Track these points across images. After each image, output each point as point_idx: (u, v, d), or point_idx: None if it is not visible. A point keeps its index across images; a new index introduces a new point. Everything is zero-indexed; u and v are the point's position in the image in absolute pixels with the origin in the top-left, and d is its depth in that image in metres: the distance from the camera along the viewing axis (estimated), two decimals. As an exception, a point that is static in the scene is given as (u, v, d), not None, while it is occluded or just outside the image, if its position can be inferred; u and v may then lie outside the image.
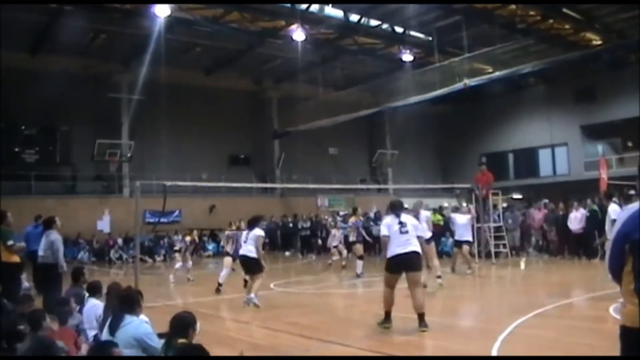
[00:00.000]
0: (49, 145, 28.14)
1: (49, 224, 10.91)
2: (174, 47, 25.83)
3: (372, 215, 25.26)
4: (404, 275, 8.69)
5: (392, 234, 8.73)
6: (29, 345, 4.86)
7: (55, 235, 10.65)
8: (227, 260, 14.38)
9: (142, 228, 21.87)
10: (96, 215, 27.55)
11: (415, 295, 8.57)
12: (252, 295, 11.22)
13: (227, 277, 14.00)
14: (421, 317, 8.50)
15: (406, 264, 8.59)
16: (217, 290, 13.69)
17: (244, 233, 11.81)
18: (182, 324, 4.88)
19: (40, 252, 10.74)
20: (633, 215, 3.00)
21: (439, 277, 13.29)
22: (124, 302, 5.71)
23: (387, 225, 8.86)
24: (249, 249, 11.34)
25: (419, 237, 8.86)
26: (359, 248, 16.90)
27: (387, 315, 8.78)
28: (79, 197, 28.09)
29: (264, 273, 11.57)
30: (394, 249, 8.65)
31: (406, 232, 8.68)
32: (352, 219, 18.38)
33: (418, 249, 8.70)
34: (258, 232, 11.56)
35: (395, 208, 9.12)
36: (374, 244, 22.21)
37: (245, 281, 13.78)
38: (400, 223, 8.76)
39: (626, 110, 31.00)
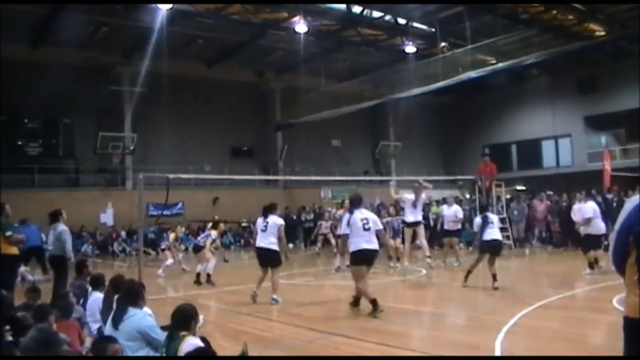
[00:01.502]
0: (52, 138, 28.13)
1: (55, 216, 10.98)
2: (176, 39, 25.77)
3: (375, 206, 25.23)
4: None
5: (355, 230, 9.21)
6: (31, 336, 4.87)
7: (62, 227, 10.74)
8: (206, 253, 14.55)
9: (145, 220, 21.99)
10: (99, 208, 27.61)
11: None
12: (276, 294, 10.76)
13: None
14: (356, 300, 9.47)
15: (369, 258, 9.29)
16: (210, 282, 13.92)
17: (259, 221, 11.08)
18: (184, 316, 4.88)
19: (50, 246, 10.83)
20: (637, 207, 2.99)
21: (428, 257, 14.86)
22: (128, 294, 5.72)
23: (350, 222, 9.32)
24: (270, 240, 10.69)
25: (377, 231, 9.38)
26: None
27: (374, 302, 9.07)
28: (82, 189, 28.12)
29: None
30: (359, 244, 9.18)
31: (369, 229, 9.19)
32: (340, 211, 17.35)
33: (377, 246, 9.36)
34: (279, 220, 11.05)
35: (356, 204, 9.62)
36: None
37: (198, 274, 14.19)
38: (364, 219, 9.24)
39: (629, 101, 30.87)
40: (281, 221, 11.08)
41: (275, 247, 10.71)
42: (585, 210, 13.68)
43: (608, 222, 16.17)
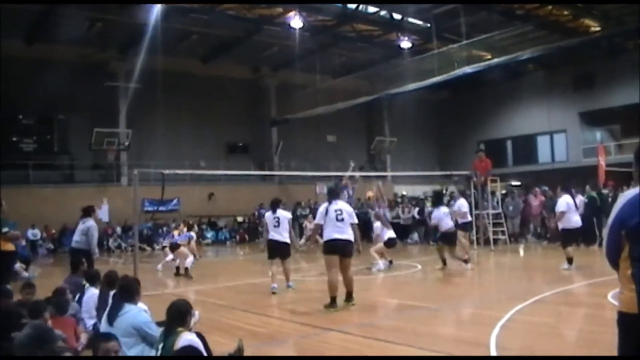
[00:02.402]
0: (47, 134, 28.08)
1: (87, 212, 11.16)
2: (170, 35, 25.71)
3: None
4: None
5: (328, 220, 9.50)
6: (26, 333, 4.86)
7: (91, 223, 10.93)
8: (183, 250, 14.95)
9: (140, 216, 21.97)
10: (95, 204, 27.39)
11: (345, 276, 9.56)
12: (290, 281, 11.73)
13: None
14: (350, 294, 9.62)
15: (341, 249, 9.44)
16: (188, 276, 14.38)
17: (269, 216, 11.69)
18: (180, 312, 4.87)
19: (76, 237, 10.93)
20: (630, 202, 3.00)
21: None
22: (123, 290, 5.72)
23: (323, 212, 9.67)
24: (281, 234, 11.40)
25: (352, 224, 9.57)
26: None
27: (333, 300, 9.42)
28: (77, 186, 28.04)
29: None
30: (330, 233, 9.49)
31: (342, 220, 9.45)
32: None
33: (351, 237, 9.48)
34: (288, 214, 11.86)
35: (332, 195, 9.85)
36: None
37: (177, 269, 14.43)
38: (337, 210, 9.51)
39: (625, 97, 30.95)
40: (289, 215, 11.91)
41: (287, 239, 11.43)
42: (559, 204, 13.62)
43: (602, 217, 16.25)
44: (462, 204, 16.30)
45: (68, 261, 10.29)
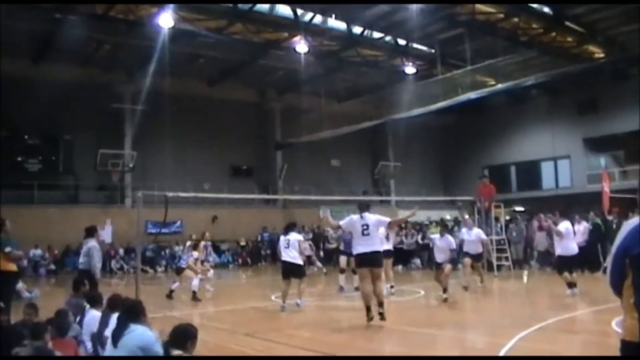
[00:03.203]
0: (52, 154, 28.13)
1: (90, 232, 11.23)
2: (177, 58, 25.86)
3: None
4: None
5: (355, 234, 10.07)
6: (26, 354, 4.84)
7: (93, 244, 10.98)
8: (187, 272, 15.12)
9: (143, 238, 21.95)
10: (98, 225, 27.34)
11: (376, 287, 9.89)
12: (301, 300, 12.21)
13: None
14: (381, 303, 9.87)
15: (369, 261, 9.88)
16: (195, 299, 14.47)
17: (282, 238, 12.46)
18: (182, 335, 4.85)
19: (80, 259, 11.04)
20: (633, 230, 2.99)
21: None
22: (129, 311, 5.70)
23: (350, 221, 10.23)
24: (293, 255, 12.06)
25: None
26: (342, 261, 16.02)
27: (367, 309, 9.83)
28: (81, 206, 28.07)
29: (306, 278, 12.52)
30: (358, 248, 10.03)
31: (368, 235, 9.91)
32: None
33: (378, 247, 10.10)
34: (298, 236, 12.42)
35: (361, 208, 10.32)
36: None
37: (171, 292, 14.60)
38: (364, 225, 9.95)
39: (629, 123, 30.96)
40: (299, 237, 12.53)
41: (297, 260, 12.11)
42: (559, 227, 13.58)
43: (606, 244, 16.17)
44: (479, 232, 16.05)
45: (70, 282, 10.29)
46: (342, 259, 15.90)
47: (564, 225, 13.62)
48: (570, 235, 13.67)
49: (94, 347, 6.92)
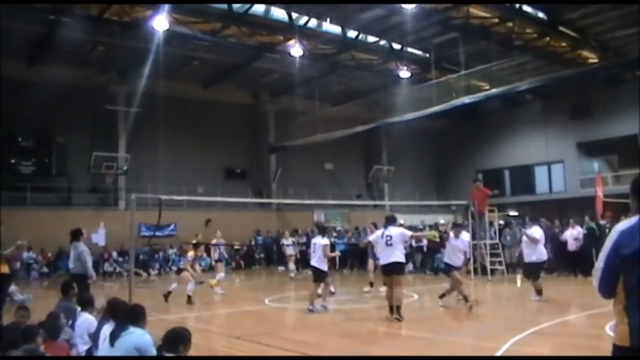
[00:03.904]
0: (45, 156, 28.02)
1: (75, 235, 11.18)
2: (171, 60, 25.81)
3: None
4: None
5: (380, 246, 11.38)
6: (18, 357, 4.81)
7: (82, 247, 10.94)
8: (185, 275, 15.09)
9: (137, 241, 21.87)
10: (91, 228, 27.32)
11: (393, 291, 11.03)
12: (323, 304, 12.56)
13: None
14: (398, 308, 10.94)
15: (390, 269, 11.07)
16: (190, 302, 14.46)
17: (312, 242, 13.09)
18: (175, 339, 4.84)
19: (71, 264, 10.96)
20: (623, 233, 3.00)
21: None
22: (130, 313, 5.69)
23: (377, 237, 11.69)
24: (317, 259, 12.53)
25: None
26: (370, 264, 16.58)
27: (390, 308, 10.99)
28: (74, 209, 27.93)
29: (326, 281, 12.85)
30: (382, 258, 11.30)
31: (390, 245, 11.02)
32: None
33: (399, 258, 11.10)
34: (322, 241, 12.71)
35: (387, 221, 11.59)
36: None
37: (168, 293, 14.57)
38: (387, 236, 11.08)
39: (622, 128, 31.13)
40: (324, 241, 12.72)
41: (319, 265, 12.49)
42: (534, 233, 13.48)
43: (600, 249, 16.07)
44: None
45: (99, 281, 10.30)
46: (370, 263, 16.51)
47: (538, 232, 13.57)
48: (543, 240, 13.63)
49: (92, 347, 6.88)
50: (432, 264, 23.01)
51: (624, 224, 3.04)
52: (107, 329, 5.73)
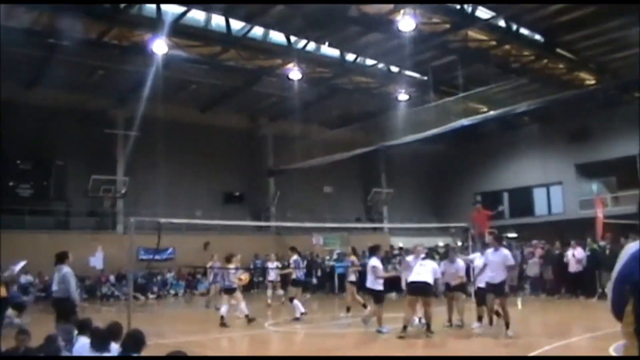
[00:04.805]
0: (44, 180, 27.99)
1: (61, 258, 11.01)
2: (170, 84, 25.89)
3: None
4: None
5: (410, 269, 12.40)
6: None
7: (66, 270, 10.73)
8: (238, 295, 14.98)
9: (135, 265, 21.77)
10: (89, 252, 27.25)
11: (426, 311, 12.13)
12: (382, 326, 12.52)
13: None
14: (429, 325, 11.94)
15: (419, 291, 11.88)
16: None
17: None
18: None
19: (54, 287, 10.79)
20: (633, 256, 2.96)
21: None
22: (130, 339, 5.64)
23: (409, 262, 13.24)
24: (370, 280, 12.63)
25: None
26: (294, 290, 16.86)
27: (404, 327, 11.67)
28: (72, 232, 27.85)
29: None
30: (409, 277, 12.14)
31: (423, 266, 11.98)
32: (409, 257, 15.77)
33: (425, 278, 11.73)
34: (372, 262, 12.74)
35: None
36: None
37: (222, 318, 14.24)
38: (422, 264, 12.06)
39: (620, 149, 31.17)
40: (374, 263, 12.67)
41: (373, 285, 12.60)
42: (485, 257, 12.62)
43: (602, 270, 16.08)
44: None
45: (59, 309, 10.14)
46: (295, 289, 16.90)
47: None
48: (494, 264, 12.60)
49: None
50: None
51: (634, 245, 3.00)
52: None
